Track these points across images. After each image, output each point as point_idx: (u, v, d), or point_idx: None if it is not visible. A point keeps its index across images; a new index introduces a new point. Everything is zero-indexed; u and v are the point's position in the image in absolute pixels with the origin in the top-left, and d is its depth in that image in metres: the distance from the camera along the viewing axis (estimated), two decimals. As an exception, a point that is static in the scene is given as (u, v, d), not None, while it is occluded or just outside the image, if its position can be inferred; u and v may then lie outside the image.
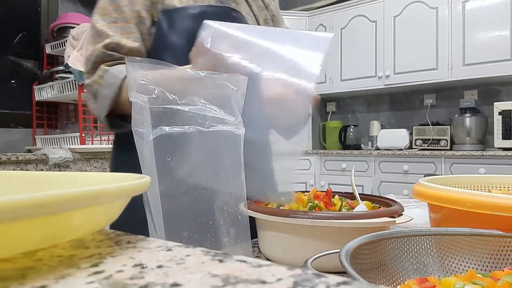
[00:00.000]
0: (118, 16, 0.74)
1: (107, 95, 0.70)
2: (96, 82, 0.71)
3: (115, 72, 0.70)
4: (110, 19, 0.74)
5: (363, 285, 0.19)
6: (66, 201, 0.19)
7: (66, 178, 0.35)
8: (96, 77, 0.72)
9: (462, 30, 2.82)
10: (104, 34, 0.73)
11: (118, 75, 0.69)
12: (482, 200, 0.48)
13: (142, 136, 0.43)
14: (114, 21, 0.74)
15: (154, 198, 0.43)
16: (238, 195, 0.47)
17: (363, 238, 0.41)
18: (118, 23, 0.74)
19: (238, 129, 0.47)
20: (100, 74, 0.71)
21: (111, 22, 0.74)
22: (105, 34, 0.73)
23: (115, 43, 0.72)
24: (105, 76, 0.70)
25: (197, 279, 0.18)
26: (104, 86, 0.70)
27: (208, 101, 0.46)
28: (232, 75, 0.49)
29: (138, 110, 0.43)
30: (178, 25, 0.76)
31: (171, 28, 0.76)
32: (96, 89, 0.72)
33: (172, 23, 0.76)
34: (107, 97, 0.70)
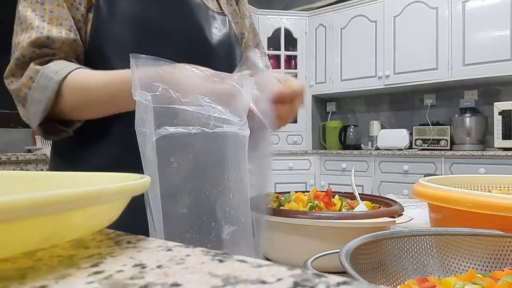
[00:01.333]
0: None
1: (40, 100, 0.58)
2: (25, 85, 0.59)
3: (48, 72, 0.58)
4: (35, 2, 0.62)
5: (363, 285, 0.19)
6: (66, 201, 0.19)
7: (66, 178, 0.35)
8: (24, 79, 0.59)
9: (462, 30, 2.82)
10: (30, 25, 0.61)
11: (53, 76, 0.58)
12: (482, 200, 0.48)
13: (145, 136, 0.43)
14: (41, 2, 0.62)
15: (155, 199, 0.43)
16: (242, 196, 0.47)
17: (363, 238, 0.41)
18: (45, 5, 0.62)
19: (243, 130, 0.46)
20: (30, 75, 0.59)
21: (37, 3, 0.62)
22: (31, 24, 0.61)
23: (45, 37, 0.60)
24: (37, 78, 0.59)
25: (197, 279, 0.18)
26: (35, 89, 0.59)
27: (213, 100, 0.46)
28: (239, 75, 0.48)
29: (141, 109, 0.43)
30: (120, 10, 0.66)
31: (112, 13, 0.65)
32: (25, 93, 0.60)
33: (112, 8, 0.65)
34: (40, 102, 0.58)
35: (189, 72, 0.47)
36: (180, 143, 0.44)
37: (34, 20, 0.61)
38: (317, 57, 3.52)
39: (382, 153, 2.95)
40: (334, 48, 3.43)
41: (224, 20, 0.79)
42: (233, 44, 0.80)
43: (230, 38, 0.79)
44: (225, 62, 0.75)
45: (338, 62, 3.41)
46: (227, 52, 0.77)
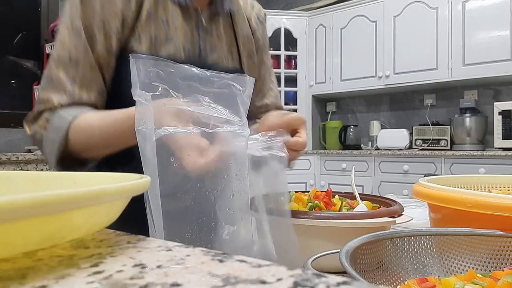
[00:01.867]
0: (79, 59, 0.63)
1: (54, 139, 0.61)
2: (41, 127, 0.63)
3: (63, 113, 0.61)
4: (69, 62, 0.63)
5: (363, 285, 0.19)
6: (66, 201, 0.19)
7: (66, 178, 0.35)
8: (41, 121, 0.63)
9: (462, 30, 2.82)
10: (63, 88, 0.63)
11: (67, 117, 0.60)
12: (482, 200, 0.48)
13: (144, 136, 0.43)
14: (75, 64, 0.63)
15: (154, 199, 0.43)
16: (242, 196, 0.47)
17: (363, 238, 0.41)
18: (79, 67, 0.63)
19: (243, 130, 0.46)
20: (46, 118, 0.63)
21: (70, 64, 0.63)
22: (64, 87, 0.63)
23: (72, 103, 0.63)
24: (52, 119, 0.62)
25: (197, 279, 0.18)
26: (50, 130, 0.62)
27: (213, 100, 0.46)
28: (239, 75, 0.48)
29: (141, 109, 0.43)
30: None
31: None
32: (41, 135, 0.63)
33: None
34: (54, 141, 0.61)
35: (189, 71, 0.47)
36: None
37: (67, 83, 0.63)
38: (317, 57, 3.52)
39: (382, 153, 2.95)
40: (334, 48, 3.43)
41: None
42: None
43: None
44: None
45: (338, 62, 3.41)
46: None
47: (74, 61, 0.63)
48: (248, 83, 0.49)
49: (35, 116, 0.65)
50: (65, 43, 0.63)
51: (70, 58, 0.63)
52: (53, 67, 0.64)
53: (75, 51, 0.63)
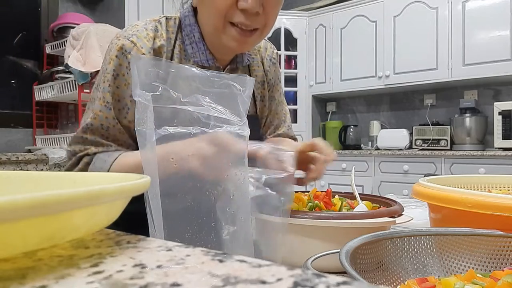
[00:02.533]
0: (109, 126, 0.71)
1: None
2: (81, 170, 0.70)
3: (103, 156, 0.68)
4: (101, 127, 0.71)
5: (363, 285, 0.19)
6: (66, 201, 0.19)
7: (66, 178, 0.35)
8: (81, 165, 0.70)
9: (462, 30, 2.82)
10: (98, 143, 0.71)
11: (107, 159, 0.68)
12: (482, 200, 0.48)
13: (145, 136, 0.43)
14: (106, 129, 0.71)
15: (154, 199, 0.43)
16: (242, 196, 0.47)
17: (363, 238, 0.41)
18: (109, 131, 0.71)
19: (243, 130, 0.46)
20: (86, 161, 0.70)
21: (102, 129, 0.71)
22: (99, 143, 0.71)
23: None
24: (94, 160, 0.69)
25: (197, 279, 0.18)
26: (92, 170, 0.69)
27: (214, 100, 0.46)
28: (239, 75, 0.48)
29: (141, 109, 0.43)
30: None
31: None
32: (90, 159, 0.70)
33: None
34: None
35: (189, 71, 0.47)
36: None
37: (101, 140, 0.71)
38: (317, 57, 3.52)
39: (382, 153, 2.95)
40: (334, 48, 3.43)
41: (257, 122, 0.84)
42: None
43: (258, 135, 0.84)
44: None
45: (338, 62, 3.41)
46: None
47: (105, 128, 0.71)
48: (248, 83, 0.49)
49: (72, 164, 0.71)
50: (98, 114, 0.71)
51: (102, 125, 0.71)
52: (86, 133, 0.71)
53: (105, 121, 0.71)
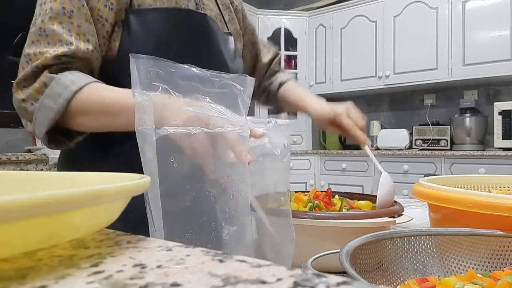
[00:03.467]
0: (73, 9, 0.61)
1: (51, 107, 0.57)
2: (38, 91, 0.59)
3: (65, 80, 0.58)
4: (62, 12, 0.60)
5: (363, 285, 0.19)
6: (66, 201, 0.19)
7: (66, 178, 0.35)
8: (37, 84, 0.59)
9: (462, 30, 2.82)
10: (58, 39, 0.60)
11: (69, 85, 0.57)
12: (482, 200, 0.48)
13: (144, 136, 0.43)
14: (69, 15, 0.60)
15: (154, 199, 0.43)
16: (242, 196, 0.47)
17: (363, 238, 0.41)
18: (73, 19, 0.61)
19: (244, 130, 0.46)
20: (44, 81, 0.59)
21: (64, 16, 0.60)
22: (59, 38, 0.60)
23: (71, 53, 0.60)
24: (52, 84, 0.58)
25: (197, 279, 0.18)
26: (47, 95, 0.58)
27: (214, 100, 0.46)
28: (240, 75, 0.48)
29: (141, 109, 0.43)
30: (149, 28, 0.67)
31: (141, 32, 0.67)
32: (35, 99, 0.59)
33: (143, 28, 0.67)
34: (51, 109, 0.57)
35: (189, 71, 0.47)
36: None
37: (62, 34, 0.60)
38: (317, 57, 3.52)
39: (382, 153, 2.95)
40: (334, 48, 3.43)
41: (231, 40, 0.84)
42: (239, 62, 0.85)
43: (236, 57, 0.84)
44: None
45: (338, 62, 3.41)
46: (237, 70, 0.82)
47: (68, 12, 0.60)
48: (248, 83, 0.49)
49: (28, 77, 0.60)
50: None
51: (64, 9, 0.60)
52: (45, 21, 0.60)
53: (69, 3, 0.61)
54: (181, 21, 0.72)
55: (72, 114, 0.59)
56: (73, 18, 0.61)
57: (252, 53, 0.98)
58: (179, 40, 0.71)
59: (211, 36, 0.76)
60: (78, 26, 0.61)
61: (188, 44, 0.72)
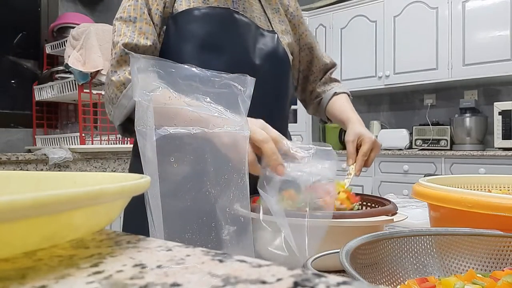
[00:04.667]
0: (137, 16, 0.76)
1: (125, 106, 0.71)
2: (118, 88, 0.72)
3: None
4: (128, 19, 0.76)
5: (363, 285, 0.19)
6: (66, 201, 0.19)
7: (66, 178, 0.35)
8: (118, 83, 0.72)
9: (462, 30, 2.82)
10: (124, 33, 0.75)
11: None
12: (482, 200, 0.48)
13: (145, 136, 0.43)
14: (133, 21, 0.76)
15: (155, 199, 0.43)
16: (241, 196, 0.47)
17: (363, 238, 0.41)
18: (136, 23, 0.76)
19: (243, 130, 0.46)
20: (123, 82, 0.72)
21: (129, 21, 0.76)
22: (124, 33, 0.75)
23: (134, 44, 0.74)
24: (128, 87, 0.71)
25: (197, 279, 0.18)
26: (124, 96, 0.71)
27: (214, 100, 0.46)
28: (240, 75, 0.48)
29: (141, 109, 0.43)
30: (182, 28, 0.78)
31: (177, 32, 0.78)
32: (116, 95, 0.72)
33: (177, 27, 0.78)
34: (125, 108, 0.71)
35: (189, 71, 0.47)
36: (180, 143, 0.44)
37: (127, 31, 0.76)
38: (317, 57, 3.52)
39: (382, 153, 2.95)
40: (334, 48, 3.42)
41: (273, 37, 0.86)
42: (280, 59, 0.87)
43: (278, 53, 0.86)
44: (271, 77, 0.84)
45: (338, 62, 3.40)
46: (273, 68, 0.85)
47: (132, 18, 0.76)
48: (248, 83, 0.49)
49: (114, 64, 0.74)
50: (125, 7, 0.77)
51: (130, 16, 0.76)
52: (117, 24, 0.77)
53: (133, 12, 0.76)
54: (203, 17, 0.79)
55: None
56: (136, 22, 0.76)
57: (308, 57, 1.01)
58: (207, 33, 0.79)
59: (234, 29, 0.81)
60: (140, 28, 0.76)
61: (215, 37, 0.79)
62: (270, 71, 0.84)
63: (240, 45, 0.81)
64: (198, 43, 0.78)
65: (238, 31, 0.81)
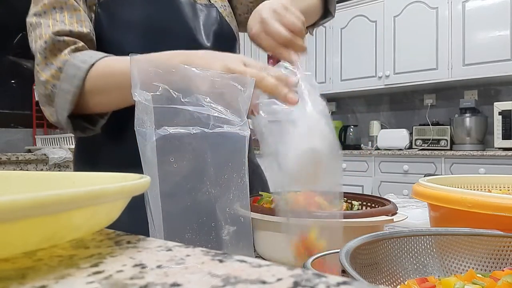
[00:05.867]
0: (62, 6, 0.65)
1: (68, 90, 0.59)
2: (54, 76, 0.61)
3: (76, 61, 0.59)
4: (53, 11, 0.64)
5: (363, 285, 0.19)
6: (66, 201, 0.19)
7: (66, 178, 0.35)
8: (53, 70, 0.61)
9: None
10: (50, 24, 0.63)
11: (82, 65, 0.59)
12: (482, 200, 0.48)
13: (144, 136, 0.43)
14: (59, 11, 0.64)
15: (154, 199, 0.43)
16: (242, 196, 0.47)
17: (363, 238, 0.41)
18: (64, 12, 0.65)
19: (243, 130, 0.46)
20: (59, 66, 0.60)
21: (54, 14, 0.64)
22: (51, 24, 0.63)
23: (68, 30, 0.63)
24: (65, 68, 0.60)
25: (197, 279, 0.18)
26: (63, 79, 0.59)
27: (214, 100, 0.46)
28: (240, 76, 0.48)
29: (141, 109, 0.43)
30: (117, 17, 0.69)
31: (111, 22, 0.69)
32: (53, 85, 0.61)
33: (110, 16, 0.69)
34: (68, 92, 0.59)
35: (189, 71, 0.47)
36: (180, 143, 0.44)
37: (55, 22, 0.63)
38: (317, 57, 3.52)
39: (382, 153, 2.95)
40: (334, 48, 3.43)
41: (214, 11, 0.77)
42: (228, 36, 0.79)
43: (223, 30, 0.78)
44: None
45: (338, 62, 3.41)
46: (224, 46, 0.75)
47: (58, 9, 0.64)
48: (248, 83, 0.49)
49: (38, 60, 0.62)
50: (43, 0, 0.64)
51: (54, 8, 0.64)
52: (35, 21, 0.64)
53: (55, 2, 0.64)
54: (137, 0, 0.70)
55: (88, 94, 0.60)
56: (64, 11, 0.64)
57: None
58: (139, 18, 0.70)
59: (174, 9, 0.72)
60: (70, 17, 0.65)
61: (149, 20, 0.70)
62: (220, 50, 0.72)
63: (184, 26, 0.72)
64: (138, 30, 0.68)
65: (179, 10, 0.72)
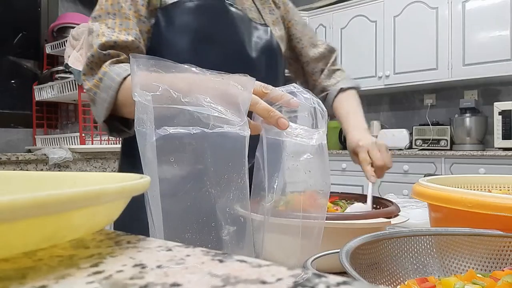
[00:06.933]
0: (116, 12, 0.72)
1: (104, 99, 0.67)
2: (95, 86, 0.68)
3: (113, 74, 0.67)
4: (107, 16, 0.72)
5: (363, 285, 0.19)
6: (66, 201, 0.19)
7: (66, 178, 0.35)
8: (95, 80, 0.69)
9: (462, 30, 2.82)
10: (102, 33, 0.71)
11: (116, 77, 0.66)
12: (482, 200, 0.48)
13: (144, 137, 0.43)
14: (112, 18, 0.72)
15: (154, 199, 0.43)
16: (242, 196, 0.47)
17: (363, 238, 0.41)
18: (115, 19, 0.72)
19: (243, 130, 0.46)
20: (99, 77, 0.68)
21: (108, 19, 0.72)
22: (102, 33, 0.71)
23: (112, 42, 0.70)
24: (104, 79, 0.67)
25: (197, 279, 0.18)
26: (102, 89, 0.67)
27: (214, 101, 0.46)
28: (240, 75, 0.48)
29: (141, 109, 0.43)
30: (175, 21, 0.75)
31: (169, 25, 0.76)
32: (94, 93, 0.69)
33: (169, 19, 0.76)
34: (104, 101, 0.67)
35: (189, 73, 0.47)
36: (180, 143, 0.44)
37: (106, 30, 0.71)
38: (317, 57, 3.52)
39: (382, 153, 2.95)
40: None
41: (266, 30, 0.86)
42: (274, 53, 0.87)
43: (272, 46, 0.86)
44: (265, 70, 0.82)
45: (338, 62, 3.41)
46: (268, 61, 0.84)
47: (111, 15, 0.72)
48: (248, 83, 0.49)
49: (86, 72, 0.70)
50: (102, 3, 0.73)
51: (108, 13, 0.72)
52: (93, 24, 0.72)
53: (110, 8, 0.72)
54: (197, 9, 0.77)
55: (121, 104, 0.66)
56: (116, 18, 0.72)
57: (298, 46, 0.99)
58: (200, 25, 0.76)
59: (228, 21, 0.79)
60: (120, 24, 0.72)
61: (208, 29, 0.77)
62: (265, 65, 0.83)
63: (235, 38, 0.79)
64: (192, 36, 0.75)
65: (232, 23, 0.80)
